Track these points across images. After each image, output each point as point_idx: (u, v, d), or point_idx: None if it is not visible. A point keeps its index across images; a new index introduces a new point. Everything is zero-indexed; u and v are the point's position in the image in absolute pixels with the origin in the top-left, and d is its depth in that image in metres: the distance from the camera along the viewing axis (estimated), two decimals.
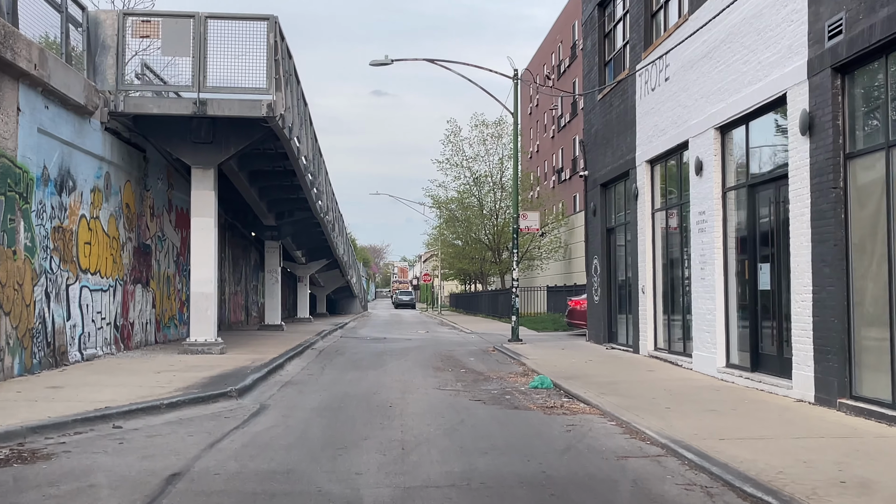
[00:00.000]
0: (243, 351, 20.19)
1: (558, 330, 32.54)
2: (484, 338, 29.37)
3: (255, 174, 24.89)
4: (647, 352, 19.36)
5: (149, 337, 21.21)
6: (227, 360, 17.61)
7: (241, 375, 14.58)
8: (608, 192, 23.49)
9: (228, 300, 31.70)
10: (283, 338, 26.16)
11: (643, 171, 19.68)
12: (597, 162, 23.86)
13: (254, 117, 18.01)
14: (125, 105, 17.64)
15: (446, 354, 22.18)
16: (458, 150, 48.95)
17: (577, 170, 59.36)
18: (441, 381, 15.73)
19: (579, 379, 15.19)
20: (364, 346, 25.28)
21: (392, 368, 18.29)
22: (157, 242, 21.82)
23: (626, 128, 20.90)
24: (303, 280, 42.48)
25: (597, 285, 24.11)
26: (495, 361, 20.07)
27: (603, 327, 23.40)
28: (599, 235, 23.73)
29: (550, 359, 19.47)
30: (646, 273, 19.59)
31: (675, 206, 18.15)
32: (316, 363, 19.37)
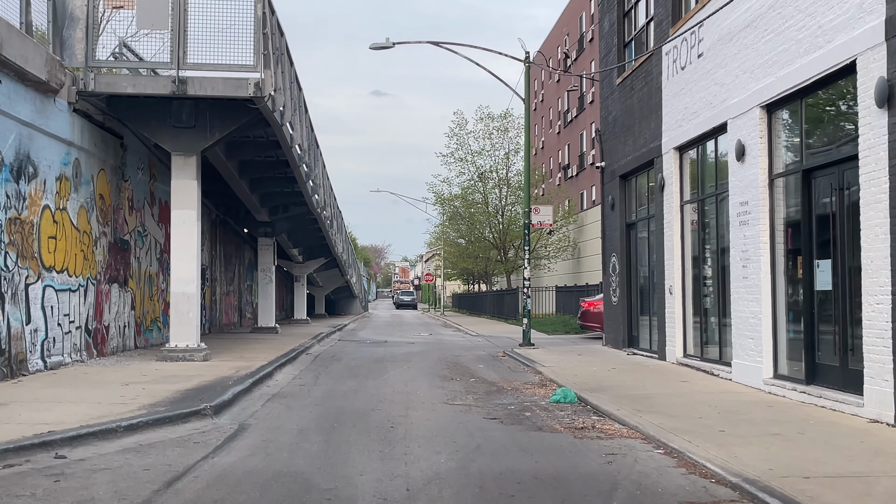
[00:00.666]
0: (230, 357, 18.35)
1: (570, 332, 30.70)
2: (491, 341, 27.53)
3: (246, 165, 23.05)
4: (675, 359, 17.52)
5: (127, 342, 19.37)
6: (210, 368, 15.78)
7: (222, 388, 12.74)
8: (628, 184, 21.65)
9: (220, 301, 29.87)
10: (275, 341, 24.32)
11: (670, 160, 17.83)
12: (615, 152, 22.02)
13: (240, 98, 16.18)
14: (96, 84, 15.81)
15: (452, 361, 20.34)
16: (462, 144, 47.06)
17: (584, 165, 57.59)
18: (449, 394, 13.89)
19: (606, 392, 13.36)
20: (363, 351, 23.45)
21: (394, 377, 16.46)
22: (136, 238, 19.99)
23: (650, 113, 19.07)
24: (300, 280, 40.60)
25: (615, 285, 22.27)
26: (507, 369, 18.23)
27: (622, 331, 21.56)
28: (618, 231, 21.89)
29: (568, 366, 17.64)
30: (673, 272, 17.75)
31: (709, 196, 16.31)
32: (309, 371, 17.54)
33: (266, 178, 24.99)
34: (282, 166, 22.93)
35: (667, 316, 18.10)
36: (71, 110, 15.72)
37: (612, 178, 22.41)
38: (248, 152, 21.41)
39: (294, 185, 25.33)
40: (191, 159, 17.12)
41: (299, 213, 28.87)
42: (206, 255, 27.48)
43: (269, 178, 25.02)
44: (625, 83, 21.16)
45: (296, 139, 20.64)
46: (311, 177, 24.57)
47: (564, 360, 18.90)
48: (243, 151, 21.33)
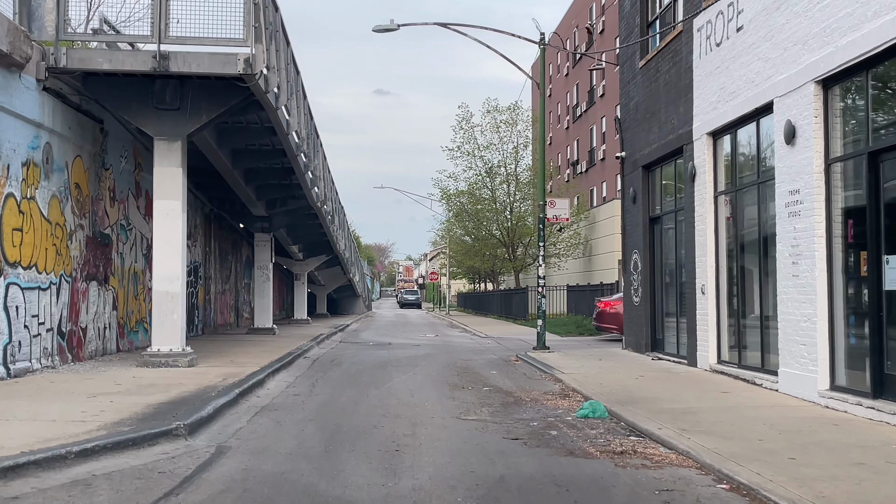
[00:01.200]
0: (219, 362, 16.77)
1: (584, 334, 29.09)
2: (502, 343, 25.93)
3: (240, 154, 21.45)
4: (709, 365, 15.90)
5: (108, 344, 17.79)
6: (194, 375, 14.20)
7: (203, 400, 11.16)
8: (652, 175, 20.03)
9: (214, 300, 28.29)
10: (272, 344, 22.73)
11: (703, 146, 16.22)
12: (638, 140, 20.40)
13: (228, 75, 14.60)
14: (68, 59, 14.23)
15: (462, 365, 18.74)
16: (469, 138, 45.36)
17: (594, 161, 55.97)
18: (461, 406, 12.30)
19: (639, 405, 11.76)
20: (365, 354, 21.86)
21: (399, 385, 14.87)
22: (119, 232, 18.41)
23: (679, 96, 17.45)
24: (300, 278, 38.98)
25: (637, 284, 20.66)
26: (523, 376, 16.62)
27: (645, 333, 19.95)
28: (641, 226, 20.27)
29: (590, 372, 16.04)
30: (706, 270, 16.13)
31: (749, 186, 14.69)
32: (306, 378, 15.94)
33: (262, 169, 23.40)
34: (278, 156, 21.34)
35: (698, 318, 16.48)
36: (40, 88, 14.14)
37: (633, 169, 20.79)
38: (240, 139, 19.81)
39: (292, 177, 23.74)
40: (175, 144, 15.54)
41: (298, 208, 27.28)
42: (198, 252, 25.92)
43: (265, 168, 23.43)
44: (648, 65, 19.55)
45: (292, 125, 19.05)
46: (309, 167, 22.97)
47: (585, 366, 17.29)
48: (236, 138, 19.74)
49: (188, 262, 24.56)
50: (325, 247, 37.71)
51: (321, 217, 29.44)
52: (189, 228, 24.61)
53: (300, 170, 22.19)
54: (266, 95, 15.79)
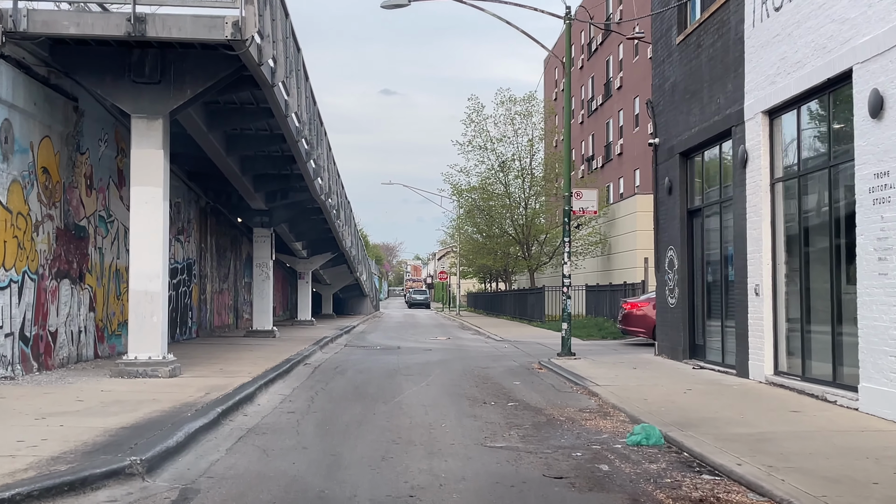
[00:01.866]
0: (206, 371, 14.83)
1: (607, 337, 27.08)
2: (520, 348, 23.94)
3: (234, 140, 19.49)
4: (764, 376, 13.91)
5: (84, 350, 15.88)
6: (173, 388, 12.26)
7: (174, 423, 9.21)
8: (690, 162, 18.04)
9: (210, 300, 26.37)
10: (270, 348, 20.80)
11: (757, 127, 14.22)
12: (675, 124, 18.41)
13: (214, 41, 12.67)
14: (29, 22, 12.30)
15: (480, 374, 16.78)
16: (481, 131, 43.24)
17: (610, 156, 53.90)
18: (485, 427, 10.34)
19: (700, 428, 9.80)
20: (372, 360, 19.90)
21: (410, 399, 12.92)
22: (98, 224, 16.50)
23: (726, 72, 15.47)
24: (304, 277, 37.01)
25: (672, 283, 18.66)
26: (550, 388, 14.64)
27: (682, 339, 17.95)
28: (678, 219, 18.27)
29: (628, 384, 14.06)
30: (760, 267, 14.14)
31: (817, 170, 12.69)
32: (304, 390, 13.99)
33: (260, 157, 21.45)
34: (277, 141, 19.39)
35: (750, 322, 14.49)
36: None
37: (669, 157, 18.80)
38: (234, 121, 17.84)
39: (293, 166, 21.82)
40: (155, 123, 13.60)
41: (301, 201, 25.33)
42: (192, 248, 24.01)
43: (264, 157, 21.49)
44: (688, 41, 17.55)
45: (292, 106, 17.10)
46: (312, 156, 21.01)
47: (620, 376, 15.30)
48: (229, 120, 17.78)
49: (181, 258, 22.66)
50: (330, 244, 35.77)
51: (325, 211, 27.49)
52: (181, 223, 22.70)
53: (301, 158, 20.24)
54: (260, 69, 13.86)
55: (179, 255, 22.58)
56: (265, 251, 25.10)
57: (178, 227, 22.47)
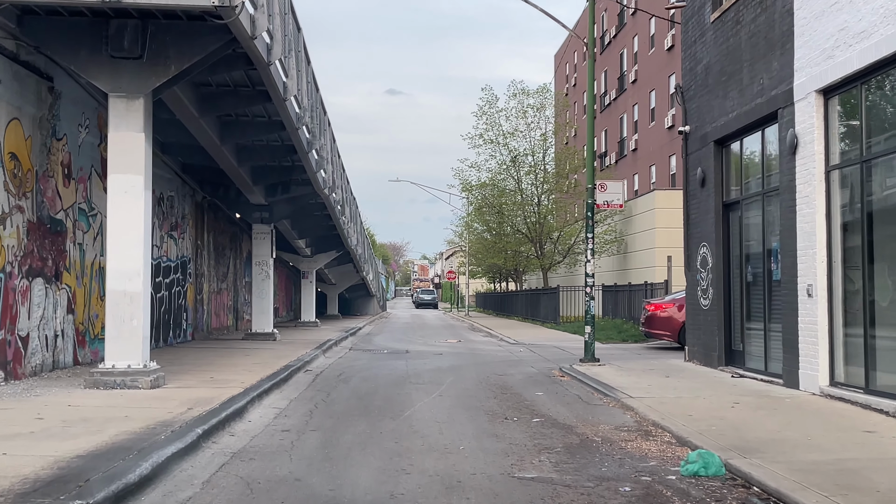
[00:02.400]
0: (194, 380, 13.35)
1: (628, 340, 25.55)
2: (537, 352, 22.42)
3: (229, 126, 17.99)
4: (818, 388, 12.38)
5: (61, 356, 14.41)
6: (152, 402, 10.79)
7: (143, 449, 7.73)
8: (726, 151, 16.52)
9: (208, 300, 24.90)
10: (269, 353, 19.32)
11: (808, 108, 12.70)
12: (708, 110, 16.88)
13: (200, 9, 11.17)
14: None
15: (497, 382, 15.27)
16: (493, 124, 41.57)
17: (624, 152, 52.29)
18: (511, 451, 8.85)
19: (764, 453, 8.33)
20: (379, 366, 18.41)
21: (422, 414, 11.43)
22: (78, 217, 15.03)
23: (771, 48, 13.94)
24: (307, 276, 35.50)
25: (705, 283, 17.13)
26: (577, 399, 13.12)
27: (717, 344, 16.42)
28: (712, 213, 16.74)
29: (665, 396, 12.56)
30: (814, 266, 12.61)
31: (886, 154, 11.15)
32: (302, 403, 12.49)
33: (258, 147, 19.96)
34: (276, 129, 17.90)
35: (801, 326, 12.96)
36: None
37: (701, 146, 17.27)
38: (227, 104, 16.32)
39: (294, 157, 20.33)
40: (136, 103, 12.13)
41: (303, 195, 23.84)
42: (187, 245, 22.55)
43: (262, 146, 20.00)
44: (724, 18, 16.02)
45: (290, 89, 15.61)
46: (314, 145, 19.51)
47: (653, 386, 13.78)
48: (222, 104, 16.26)
49: (174, 256, 21.20)
50: (335, 242, 34.29)
51: (329, 207, 25.99)
52: (175, 218, 21.25)
53: (302, 147, 18.74)
54: (253, 42, 12.38)
55: (173, 252, 21.13)
56: (265, 248, 23.61)
57: (172, 223, 21.02)
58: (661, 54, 44.23)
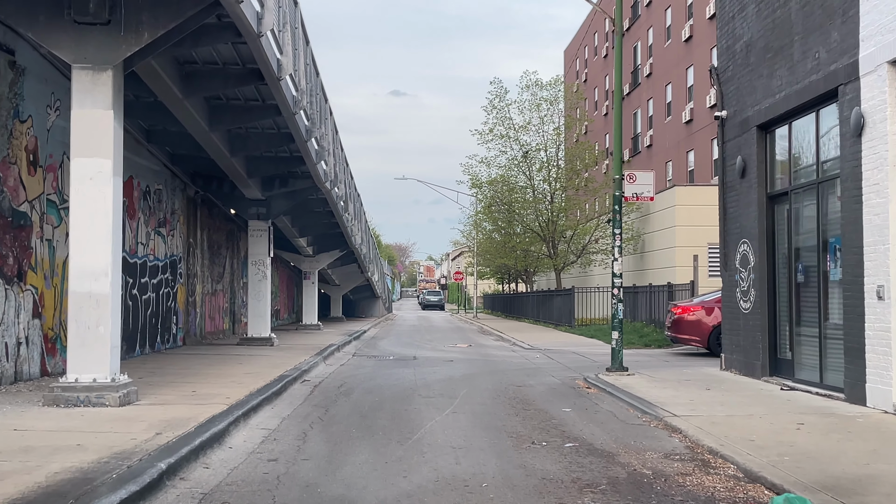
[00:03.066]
0: (173, 395, 11.70)
1: (651, 345, 23.86)
2: (554, 358, 20.74)
3: (219, 111, 16.31)
4: (891, 404, 10.70)
5: (26, 366, 12.78)
6: (116, 424, 9.15)
7: (83, 495, 6.07)
8: (771, 136, 14.84)
9: (201, 303, 23.26)
10: (264, 360, 17.67)
11: (880, 83, 11.02)
12: (750, 92, 15.20)
13: None
14: None
15: (517, 395, 13.60)
16: (504, 118, 39.76)
17: (639, 148, 50.51)
18: (544, 490, 7.24)
19: (864, 496, 6.73)
20: (385, 375, 16.74)
21: (434, 436, 9.77)
22: (46, 210, 13.41)
23: (829, 17, 12.27)
24: (309, 277, 33.82)
25: (746, 284, 15.45)
26: (612, 417, 11.44)
27: (760, 351, 14.74)
28: (755, 206, 15.06)
29: (713, 413, 10.90)
30: (887, 263, 10.93)
31: None
32: (295, 422, 10.83)
33: (252, 135, 18.29)
34: (271, 113, 16.25)
35: (869, 334, 11.26)
36: None
37: (741, 131, 15.58)
38: (214, 85, 14.63)
39: (292, 146, 18.68)
40: (103, 76, 10.50)
41: (303, 189, 22.17)
42: (177, 243, 20.92)
43: (257, 133, 18.34)
44: None
45: (285, 67, 13.95)
46: (313, 133, 17.85)
47: (696, 401, 12.10)
48: (209, 84, 14.57)
49: (162, 254, 19.58)
50: (338, 240, 32.63)
51: (331, 203, 24.32)
52: (163, 213, 19.62)
53: (300, 135, 17.08)
54: (239, 7, 10.73)
55: (161, 250, 19.50)
56: (262, 247, 21.94)
57: (160, 219, 19.39)
58: (678, 46, 42.54)
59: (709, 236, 31.18)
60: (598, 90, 58.76)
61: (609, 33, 57.69)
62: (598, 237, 38.98)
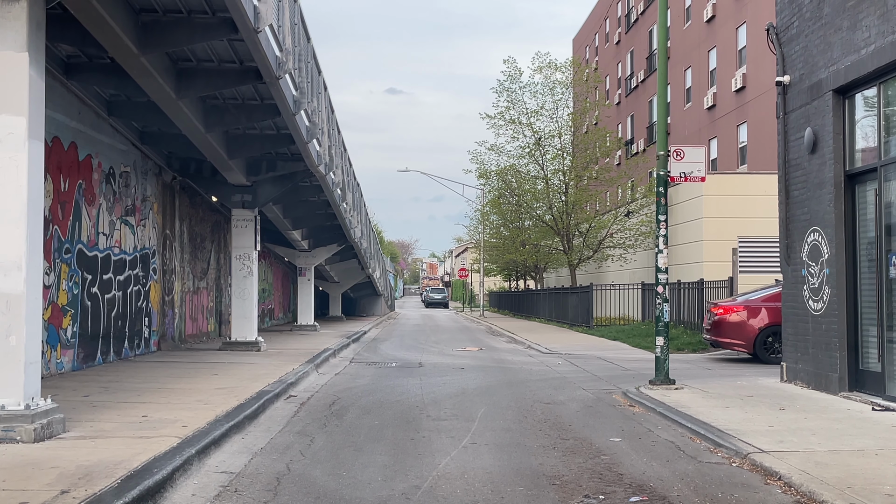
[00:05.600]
0: (115, 421, 9.19)
1: (684, 349, 21.33)
2: (578, 364, 18.22)
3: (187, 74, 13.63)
4: None
5: None
6: (9, 476, 6.65)
7: None
8: (851, 102, 12.32)
9: (180, 302, 20.74)
10: (245, 369, 15.17)
11: None
12: (823, 50, 12.68)
13: None
14: None
15: (548, 416, 11.09)
16: (516, 101, 37.03)
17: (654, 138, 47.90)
18: None
19: None
20: (386, 389, 14.21)
21: (450, 486, 7.29)
22: None
23: None
24: (305, 273, 31.24)
25: (817, 280, 12.92)
26: (675, 450, 8.92)
27: (838, 362, 12.21)
28: (829, 187, 12.54)
29: (808, 447, 8.42)
30: None
31: None
32: (268, 461, 8.31)
33: (231, 107, 15.70)
34: (251, 77, 13.66)
35: None
36: None
37: (811, 98, 13.05)
38: (178, 37, 11.85)
39: (278, 121, 16.15)
40: (14, 7, 7.99)
41: (294, 174, 19.61)
42: (151, 234, 18.41)
43: (236, 105, 15.76)
44: None
45: (264, 17, 11.41)
46: (302, 105, 15.29)
47: (777, 427, 9.59)
48: (171, 35, 11.81)
49: (131, 247, 17.09)
50: (336, 234, 30.09)
51: (327, 190, 21.76)
52: (132, 199, 17.14)
53: (286, 106, 14.54)
54: None
55: (129, 242, 17.00)
56: (247, 239, 19.40)
57: (127, 206, 16.89)
58: (699, 27, 39.97)
59: (739, 228, 28.74)
60: (610, 78, 56.16)
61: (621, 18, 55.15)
62: (613, 231, 36.42)
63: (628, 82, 51.65)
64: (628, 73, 51.85)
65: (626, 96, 52.08)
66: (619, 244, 35.38)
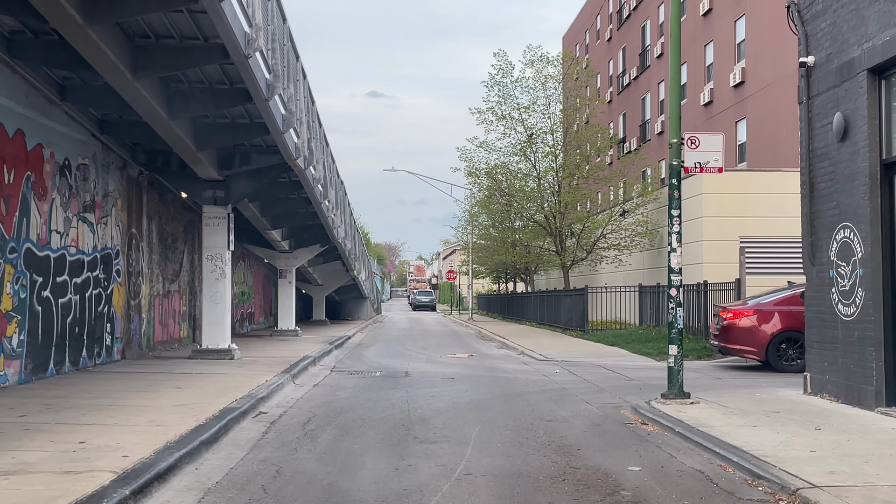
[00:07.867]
0: (44, 450, 7.78)
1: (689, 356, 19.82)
2: (577, 374, 16.86)
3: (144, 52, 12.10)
4: None
5: None
6: None
7: None
8: (888, 83, 11.02)
9: (148, 307, 19.27)
10: (212, 381, 13.73)
11: None
12: (858, 24, 11.38)
13: None
14: None
15: (551, 437, 9.72)
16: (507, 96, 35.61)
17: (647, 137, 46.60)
18: None
19: None
20: (368, 403, 12.80)
21: None
22: None
23: None
24: (285, 275, 29.71)
25: (848, 283, 11.62)
26: (706, 483, 7.57)
27: (873, 373, 10.92)
28: (863, 179, 11.24)
29: (862, 478, 7.14)
30: None
31: None
32: (225, 494, 6.92)
33: (197, 91, 14.25)
34: (217, 56, 12.24)
35: None
36: None
37: (841, 80, 11.75)
38: (131, 4, 10.55)
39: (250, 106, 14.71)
40: None
41: (270, 168, 18.16)
42: (114, 233, 16.96)
43: (203, 89, 14.32)
44: None
45: None
46: (276, 89, 13.86)
47: (817, 452, 8.27)
48: (122, 2, 10.48)
49: (89, 247, 15.65)
50: (318, 234, 28.64)
51: (307, 186, 20.31)
52: (91, 195, 15.70)
53: (257, 90, 13.10)
54: None
55: (87, 241, 15.54)
56: (219, 238, 17.93)
57: (86, 202, 15.44)
58: (695, 21, 38.71)
59: (741, 228, 27.46)
60: (602, 76, 54.88)
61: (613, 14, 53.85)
62: (608, 231, 35.10)
63: (620, 80, 50.41)
64: (620, 71, 50.62)
65: (619, 94, 50.83)
66: (613, 245, 34.08)
